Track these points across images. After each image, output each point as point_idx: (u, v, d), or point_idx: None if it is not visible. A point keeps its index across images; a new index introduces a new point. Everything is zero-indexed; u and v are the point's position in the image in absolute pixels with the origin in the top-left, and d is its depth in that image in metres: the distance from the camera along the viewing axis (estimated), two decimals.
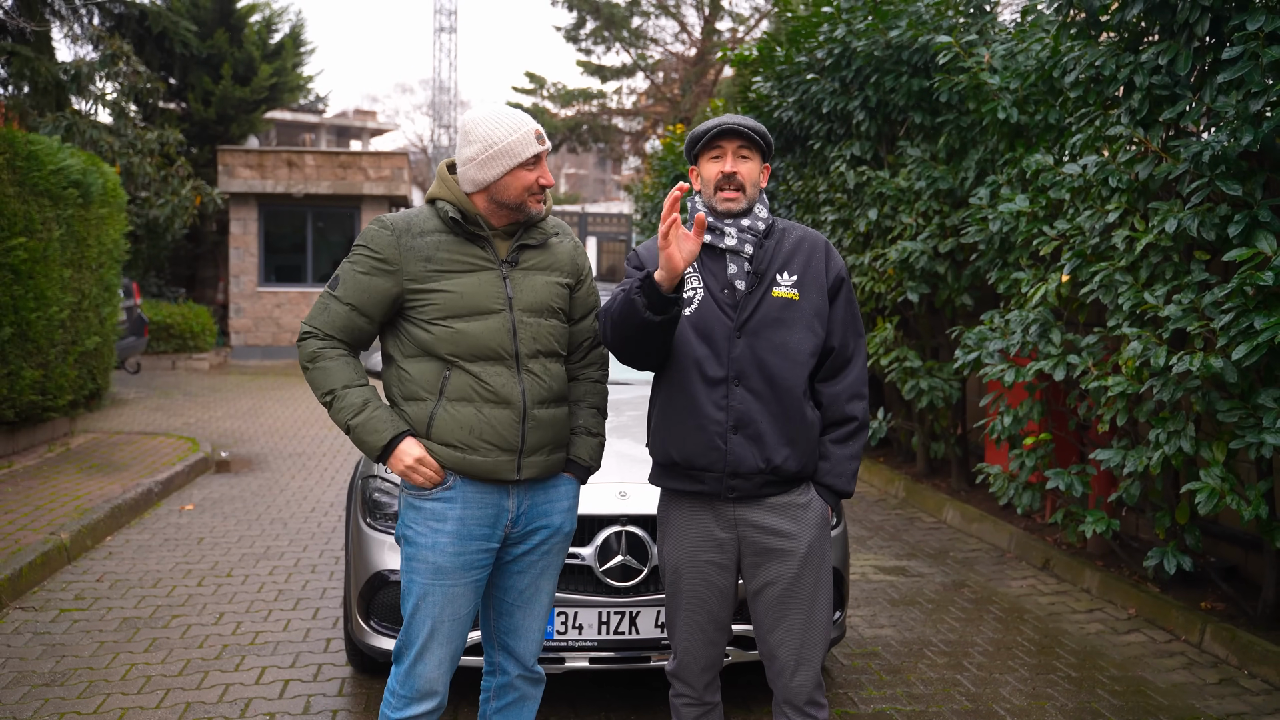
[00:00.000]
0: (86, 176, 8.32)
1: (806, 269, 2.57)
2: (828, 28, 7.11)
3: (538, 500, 2.59)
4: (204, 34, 17.71)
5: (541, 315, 2.55)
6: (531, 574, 2.63)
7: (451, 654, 2.53)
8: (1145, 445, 4.35)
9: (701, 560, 2.57)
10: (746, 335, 2.51)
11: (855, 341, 2.61)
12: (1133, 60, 4.32)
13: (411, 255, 2.47)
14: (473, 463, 2.46)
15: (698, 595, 2.58)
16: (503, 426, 2.47)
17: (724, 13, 27.04)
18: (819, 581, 2.55)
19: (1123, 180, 4.40)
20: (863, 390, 2.60)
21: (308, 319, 2.55)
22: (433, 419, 2.47)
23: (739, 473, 2.50)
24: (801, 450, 2.52)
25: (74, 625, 4.38)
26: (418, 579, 2.50)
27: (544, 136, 2.50)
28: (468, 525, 2.48)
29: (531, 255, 2.58)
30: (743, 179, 2.53)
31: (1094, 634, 4.58)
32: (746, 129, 2.53)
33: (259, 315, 16.84)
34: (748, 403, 2.49)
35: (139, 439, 8.61)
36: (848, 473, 2.58)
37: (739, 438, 2.49)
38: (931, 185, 6.33)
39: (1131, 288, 4.30)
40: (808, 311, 2.54)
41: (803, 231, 2.63)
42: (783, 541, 2.53)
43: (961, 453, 7.06)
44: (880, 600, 5.00)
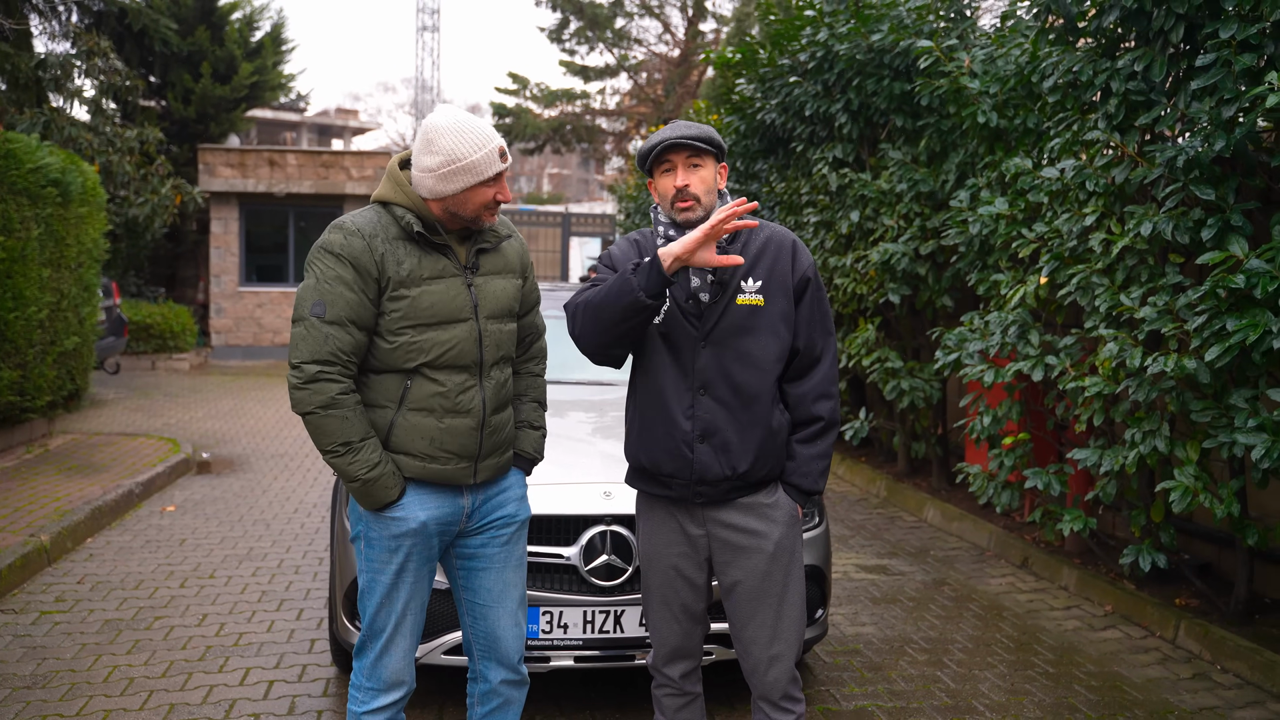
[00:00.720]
0: (65, 175, 8.26)
1: (772, 272, 2.57)
2: (810, 31, 7.16)
3: (490, 494, 2.64)
4: (184, 32, 17.61)
5: (503, 320, 2.59)
6: (496, 568, 2.65)
7: (414, 643, 2.60)
8: (1121, 445, 4.42)
9: (673, 555, 2.63)
10: (711, 345, 2.53)
11: (823, 341, 2.61)
12: (1109, 66, 4.38)
13: (388, 261, 2.41)
14: (433, 470, 2.49)
15: (672, 589, 2.65)
16: (463, 435, 2.50)
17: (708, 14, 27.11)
18: (789, 579, 2.59)
19: (1099, 184, 4.46)
20: (830, 390, 2.60)
21: (305, 355, 2.36)
22: (392, 427, 2.47)
23: (705, 480, 2.54)
24: (768, 457, 2.56)
25: (55, 627, 4.37)
26: (381, 578, 2.53)
27: (506, 153, 2.49)
28: (428, 525, 2.52)
29: (488, 259, 2.59)
30: (695, 190, 2.53)
31: (1071, 630, 4.64)
32: (690, 139, 2.51)
33: (240, 315, 16.76)
34: (714, 412, 2.52)
35: (119, 440, 8.56)
36: (814, 472, 2.59)
37: (705, 447, 2.52)
38: (913, 188, 6.39)
39: (1108, 290, 4.36)
40: (774, 316, 2.55)
41: (769, 232, 2.62)
42: (751, 539, 2.57)
43: (942, 452, 7.13)
44: (862, 598, 5.05)
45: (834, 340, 2.64)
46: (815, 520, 3.71)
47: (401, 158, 2.56)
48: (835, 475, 8.26)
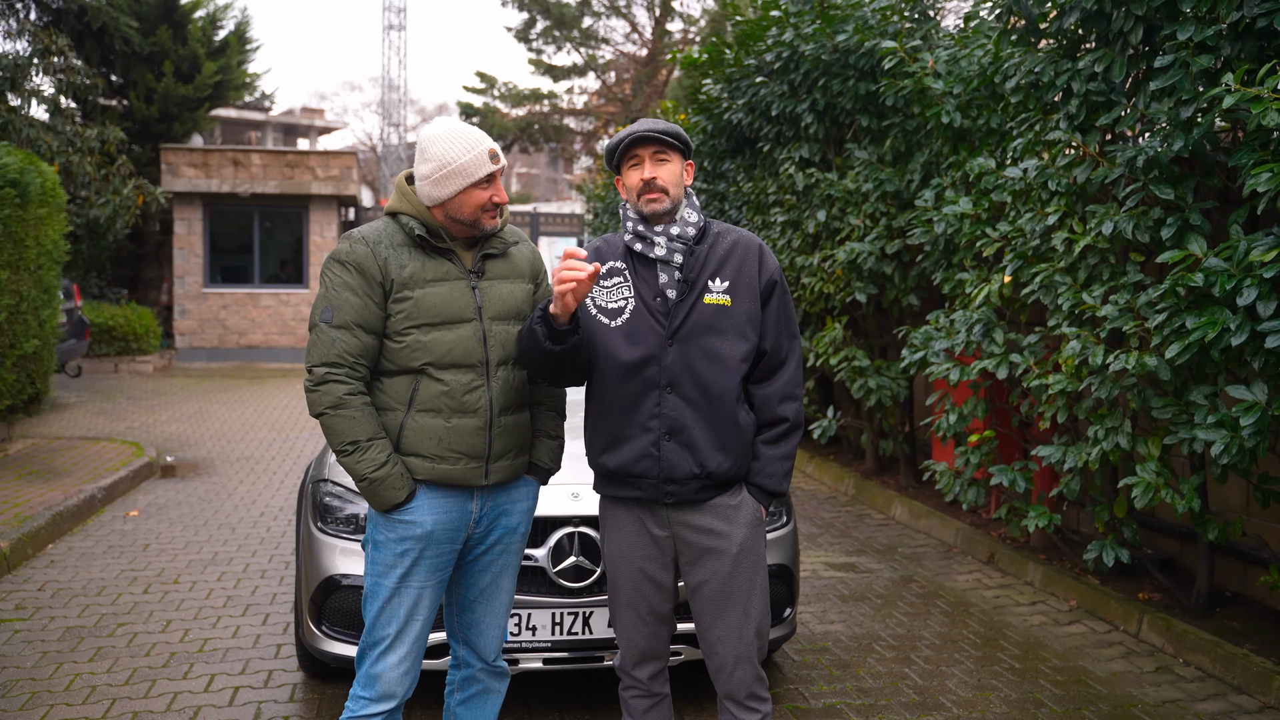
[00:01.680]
0: (24, 175, 8.11)
1: (739, 274, 2.60)
2: (776, 31, 7.19)
3: (499, 501, 2.64)
4: (146, 30, 17.36)
5: (509, 322, 2.60)
6: (491, 572, 2.68)
7: (414, 654, 2.56)
8: (1085, 442, 4.47)
9: (638, 557, 2.63)
10: (678, 342, 2.55)
11: (789, 344, 2.64)
12: (1070, 67, 4.44)
13: (390, 264, 2.50)
14: (442, 471, 2.51)
15: (637, 590, 2.65)
16: (470, 435, 2.52)
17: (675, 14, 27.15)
18: (754, 579, 2.60)
19: (1062, 184, 4.51)
20: (795, 391, 2.63)
21: (315, 359, 2.46)
22: (402, 429, 2.51)
23: (673, 478, 2.55)
24: (735, 454, 2.57)
25: (15, 636, 4.29)
26: (384, 582, 2.53)
27: (499, 155, 2.54)
28: (435, 531, 2.53)
29: (495, 265, 2.64)
30: (663, 182, 2.58)
31: (1037, 626, 4.70)
32: (657, 134, 2.57)
33: (204, 317, 16.55)
34: (680, 409, 2.54)
35: (81, 444, 8.43)
36: (779, 473, 2.61)
37: (672, 444, 2.54)
38: (879, 187, 6.43)
39: (1070, 288, 4.42)
40: (740, 317, 2.57)
41: (736, 235, 2.66)
42: (715, 540, 2.58)
43: (909, 450, 7.18)
44: (830, 596, 5.08)
45: (799, 343, 2.68)
46: (783, 519, 3.72)
47: (408, 174, 2.66)
48: (803, 473, 8.30)
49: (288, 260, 17.17)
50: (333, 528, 3.44)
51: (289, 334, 16.82)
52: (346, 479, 3.50)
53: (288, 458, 8.59)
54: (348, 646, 3.33)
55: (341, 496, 3.47)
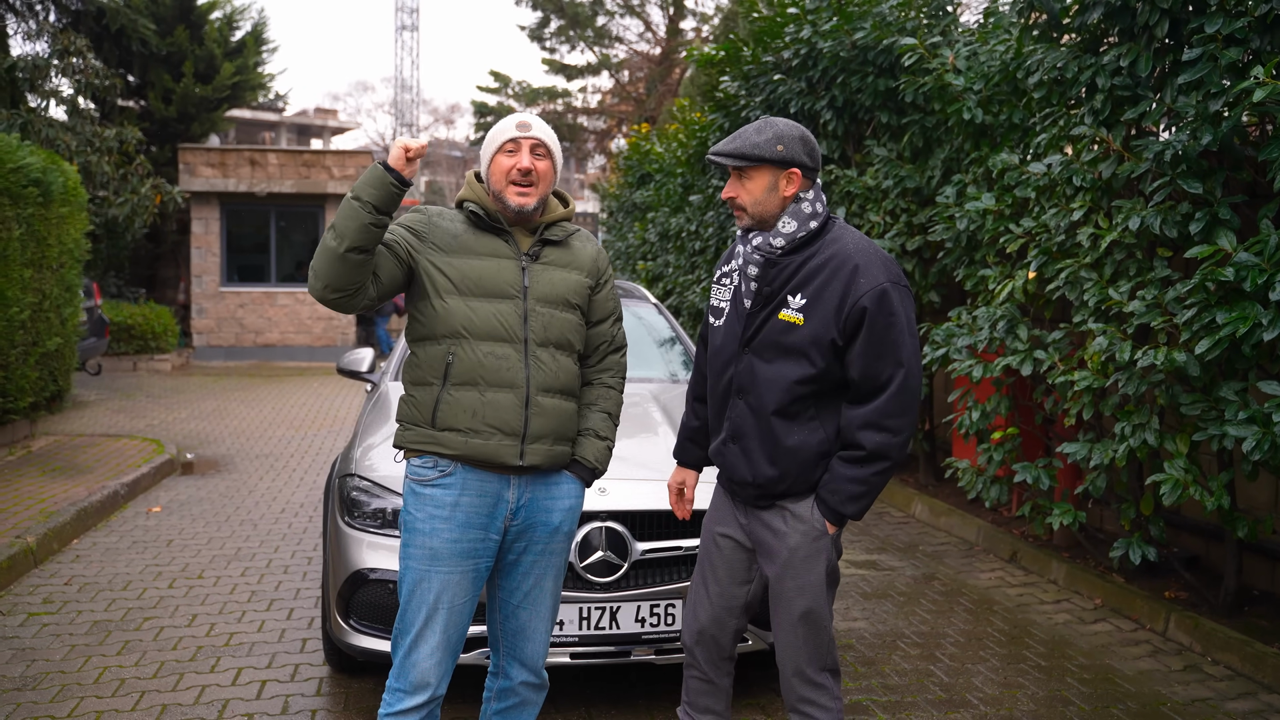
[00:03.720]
0: (46, 175, 8.17)
1: (820, 295, 2.47)
2: (793, 28, 7.18)
3: (538, 495, 2.61)
4: (164, 31, 17.45)
5: (556, 307, 2.60)
6: (535, 574, 2.65)
7: (446, 644, 2.53)
8: (1111, 438, 4.45)
9: (720, 533, 2.72)
10: (750, 352, 2.58)
11: (890, 372, 2.44)
12: (1094, 62, 4.41)
13: (439, 231, 2.59)
14: (475, 446, 2.50)
15: (710, 561, 2.73)
16: (505, 410, 2.51)
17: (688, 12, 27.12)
18: (804, 589, 2.55)
19: (1086, 179, 4.49)
20: (883, 422, 2.44)
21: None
22: (438, 404, 2.52)
23: (734, 479, 2.63)
24: (784, 469, 2.54)
25: (43, 629, 4.32)
26: (413, 564, 2.53)
27: (528, 125, 2.57)
28: (467, 513, 2.52)
29: (552, 251, 2.65)
30: (741, 201, 2.57)
31: (1062, 624, 4.67)
32: (724, 156, 2.54)
33: (222, 316, 16.63)
34: (744, 417, 2.59)
35: (102, 441, 8.48)
36: (844, 493, 2.48)
37: (735, 448, 2.61)
38: (898, 184, 6.41)
39: (1096, 284, 4.39)
40: (805, 339, 2.47)
41: (838, 249, 2.50)
42: (772, 539, 2.60)
43: (929, 448, 7.16)
44: (852, 594, 5.06)
45: (904, 371, 2.44)
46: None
47: (478, 171, 2.72)
48: None
49: (304, 261, 17.23)
50: (360, 522, 3.45)
51: (305, 333, 16.89)
52: (374, 473, 3.51)
53: (306, 454, 8.63)
54: (375, 640, 3.34)
55: (369, 491, 3.48)
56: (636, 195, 14.09)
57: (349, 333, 17.01)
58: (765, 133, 2.53)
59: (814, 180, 2.56)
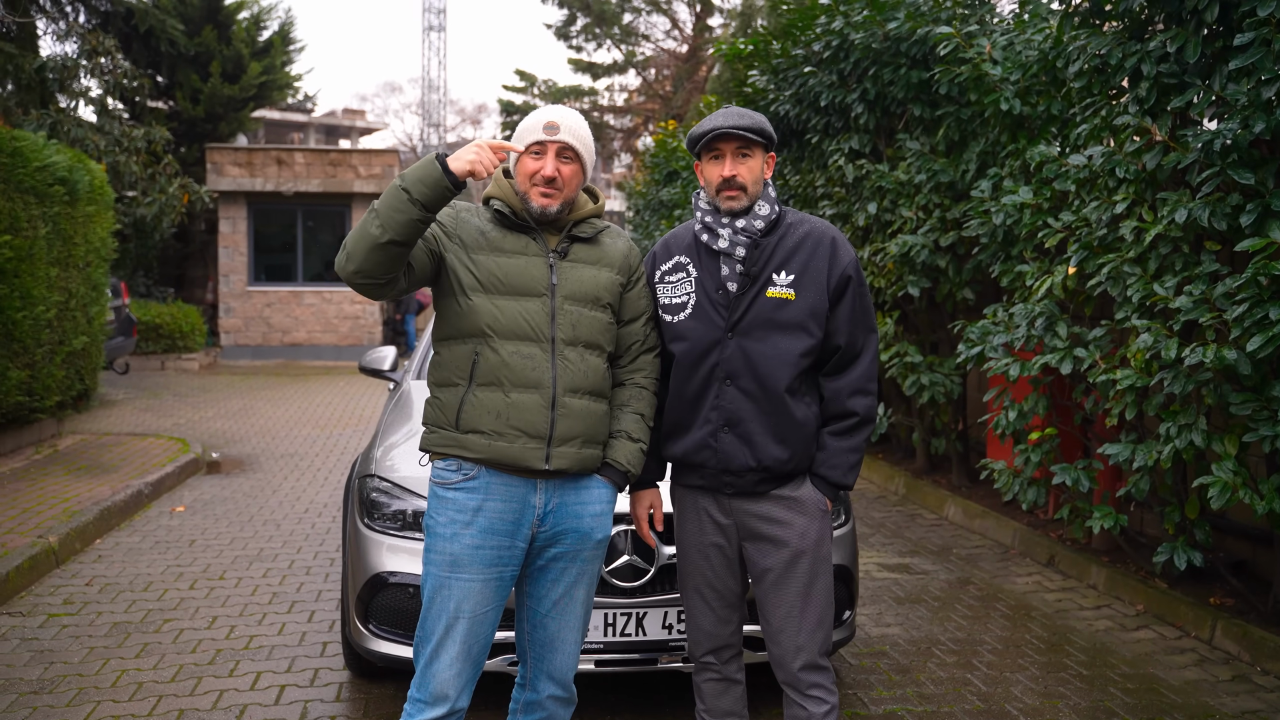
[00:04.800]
0: (73, 174, 8.19)
1: (806, 268, 2.54)
2: (824, 20, 7.04)
3: (568, 500, 2.50)
4: (192, 32, 17.54)
5: (585, 305, 2.51)
6: (565, 582, 2.54)
7: (466, 654, 2.43)
8: (1155, 439, 4.28)
9: (706, 543, 2.64)
10: (738, 335, 2.54)
11: (865, 338, 2.59)
12: (1139, 48, 4.25)
13: (466, 226, 2.50)
14: (499, 449, 2.40)
15: (703, 575, 2.66)
16: (531, 411, 2.41)
17: (715, 9, 26.97)
18: (816, 571, 2.56)
19: (1130, 171, 4.33)
20: (868, 386, 2.57)
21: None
22: (462, 405, 2.43)
23: (730, 469, 2.55)
24: (793, 447, 2.54)
25: (62, 630, 4.28)
26: (434, 570, 2.44)
27: (555, 128, 2.46)
28: (490, 518, 2.42)
29: (582, 249, 2.56)
30: (743, 180, 2.55)
31: (1103, 631, 4.52)
32: (741, 131, 2.51)
33: (249, 315, 16.69)
34: (738, 402, 2.53)
35: (128, 440, 8.49)
36: (844, 465, 2.57)
37: (730, 436, 2.54)
38: (932, 178, 6.26)
39: (1140, 279, 4.23)
40: (802, 312, 2.53)
41: (810, 227, 2.59)
42: (777, 529, 2.56)
43: (962, 448, 7.00)
44: (885, 598, 4.93)
45: (875, 337, 2.62)
46: (843, 518, 3.59)
47: (505, 168, 2.62)
48: None
49: (330, 261, 17.26)
50: (379, 524, 3.36)
51: (331, 332, 16.91)
52: (394, 474, 3.42)
53: (331, 454, 8.59)
54: (395, 645, 3.25)
55: (389, 492, 3.40)
56: (663, 193, 13.98)
57: (375, 332, 17.01)
58: (757, 115, 2.57)
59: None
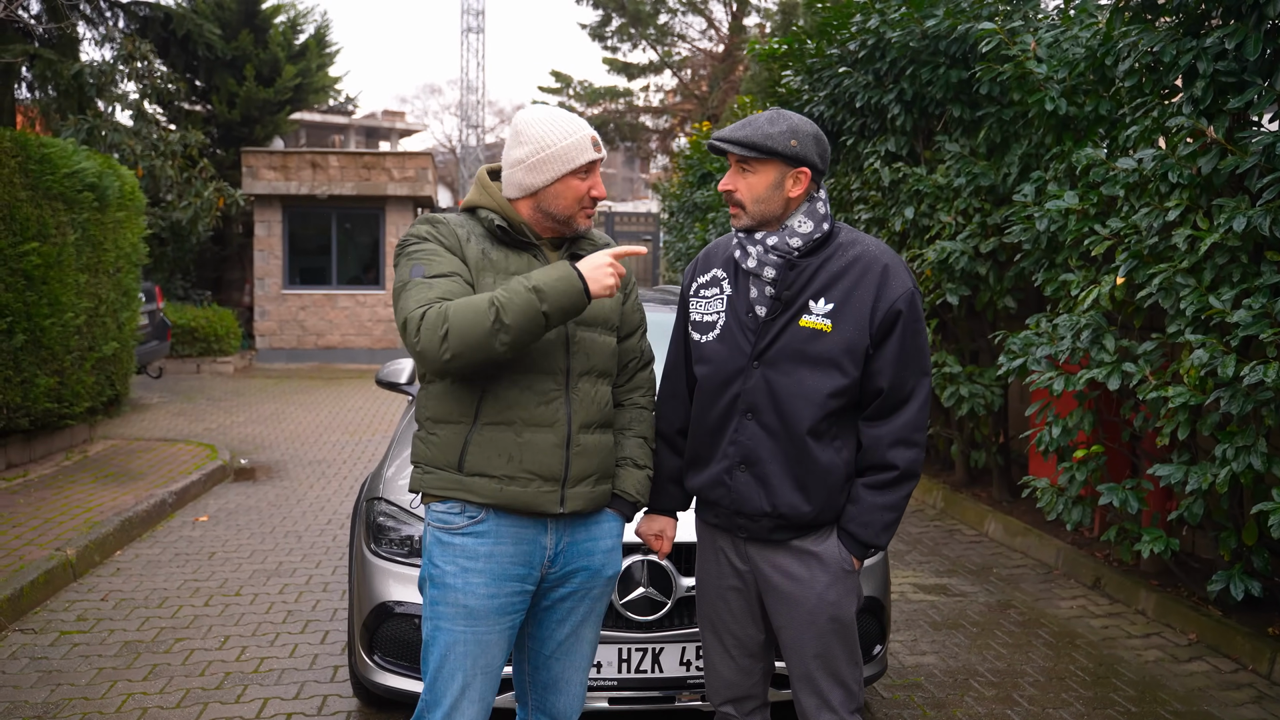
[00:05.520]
0: (103, 179, 8.17)
1: (849, 297, 2.26)
2: (860, 18, 6.81)
3: (578, 538, 2.33)
4: (228, 35, 17.65)
5: (596, 330, 2.32)
6: (572, 622, 2.37)
7: (484, 711, 2.26)
8: (1210, 461, 4.03)
9: (724, 586, 2.43)
10: (764, 366, 2.28)
11: (915, 382, 2.28)
12: (1195, 45, 4.00)
13: (469, 250, 2.26)
14: (511, 494, 2.21)
15: (721, 620, 2.44)
16: (545, 452, 2.22)
17: (751, 8, 26.70)
18: (831, 636, 2.30)
19: (1183, 175, 4.08)
20: (913, 437, 2.28)
21: (411, 305, 2.10)
22: (467, 446, 2.21)
23: (744, 512, 2.31)
24: (815, 497, 2.27)
25: (73, 650, 4.19)
26: (445, 625, 2.22)
27: (600, 144, 2.28)
28: (502, 563, 2.23)
29: None
30: (740, 196, 2.29)
31: (1153, 662, 4.27)
32: (725, 144, 2.26)
33: (284, 318, 16.75)
34: (757, 439, 2.28)
35: (158, 446, 8.47)
36: (877, 524, 2.28)
37: (746, 475, 2.30)
38: (972, 182, 6.01)
39: (1195, 291, 3.98)
40: (837, 347, 2.24)
41: (862, 249, 2.30)
42: (791, 585, 2.31)
43: (1003, 462, 6.74)
44: (921, 623, 4.71)
45: (928, 381, 2.31)
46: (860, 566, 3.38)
47: (491, 168, 2.40)
48: None
49: (367, 264, 17.27)
50: (386, 550, 3.22)
51: (365, 335, 16.92)
52: (402, 498, 3.28)
53: (359, 461, 8.51)
54: (401, 679, 3.11)
55: (396, 517, 3.25)
56: (697, 195, 13.80)
57: None
58: (779, 124, 2.25)
59: (820, 184, 2.32)
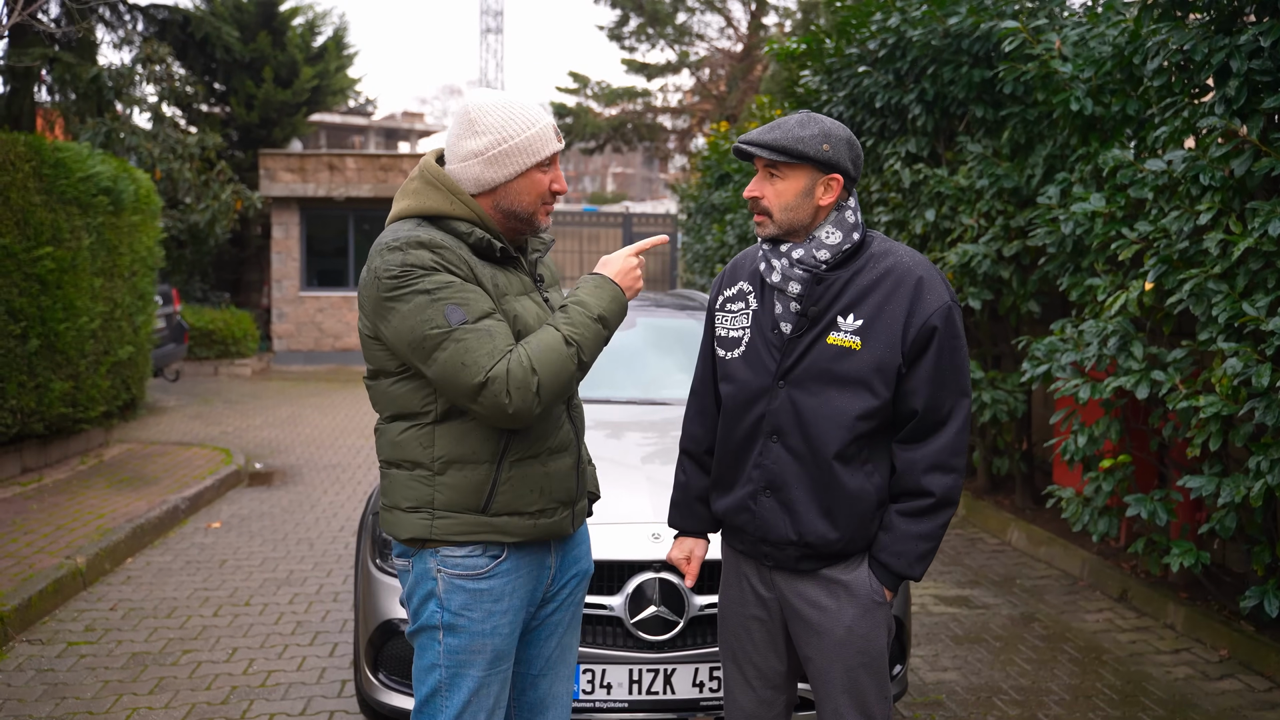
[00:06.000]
0: (117, 183, 8.16)
1: (880, 312, 2.12)
2: (880, 16, 6.69)
3: (568, 549, 2.27)
4: (247, 38, 17.68)
5: None
6: (558, 634, 2.29)
7: None
8: (1244, 473, 3.89)
9: (746, 615, 2.31)
10: (789, 385, 2.16)
11: (953, 403, 2.14)
12: (1228, 43, 3.86)
13: (479, 272, 2.03)
14: (543, 526, 2.11)
15: (743, 649, 2.33)
16: (565, 478, 2.15)
17: (770, 7, 26.53)
18: (859, 669, 2.18)
19: (1216, 177, 3.94)
20: (950, 462, 2.14)
21: (483, 360, 1.89)
22: (495, 488, 2.04)
23: (768, 540, 2.20)
24: (844, 524, 2.15)
25: (80, 661, 4.14)
26: (471, 672, 2.09)
27: (560, 133, 2.12)
28: (521, 597, 2.14)
29: (545, 270, 2.29)
30: (767, 203, 2.15)
31: (1183, 679, 4.14)
32: (754, 148, 2.12)
33: (301, 320, 16.75)
34: (783, 463, 2.16)
35: (173, 450, 8.45)
36: (911, 554, 2.15)
37: (771, 501, 2.18)
38: (995, 183, 5.88)
39: (1227, 297, 3.85)
40: (866, 366, 2.11)
41: (895, 261, 2.16)
42: (818, 616, 2.19)
43: (1027, 469, 6.60)
44: (942, 637, 4.59)
45: (967, 402, 2.16)
46: None
47: (436, 155, 2.12)
48: None
49: None
50: (392, 565, 3.14)
51: None
52: None
53: (374, 465, 8.45)
54: (406, 698, 3.03)
55: None
56: (715, 196, 13.67)
57: None
58: (810, 127, 2.12)
59: (852, 191, 2.19)
